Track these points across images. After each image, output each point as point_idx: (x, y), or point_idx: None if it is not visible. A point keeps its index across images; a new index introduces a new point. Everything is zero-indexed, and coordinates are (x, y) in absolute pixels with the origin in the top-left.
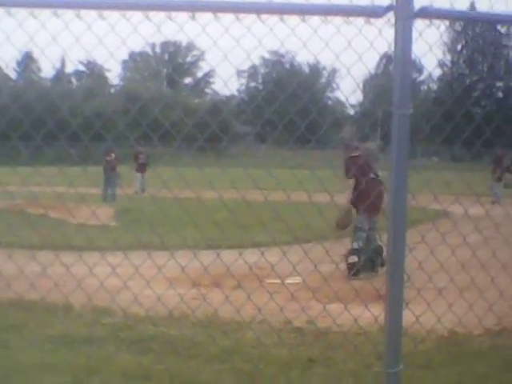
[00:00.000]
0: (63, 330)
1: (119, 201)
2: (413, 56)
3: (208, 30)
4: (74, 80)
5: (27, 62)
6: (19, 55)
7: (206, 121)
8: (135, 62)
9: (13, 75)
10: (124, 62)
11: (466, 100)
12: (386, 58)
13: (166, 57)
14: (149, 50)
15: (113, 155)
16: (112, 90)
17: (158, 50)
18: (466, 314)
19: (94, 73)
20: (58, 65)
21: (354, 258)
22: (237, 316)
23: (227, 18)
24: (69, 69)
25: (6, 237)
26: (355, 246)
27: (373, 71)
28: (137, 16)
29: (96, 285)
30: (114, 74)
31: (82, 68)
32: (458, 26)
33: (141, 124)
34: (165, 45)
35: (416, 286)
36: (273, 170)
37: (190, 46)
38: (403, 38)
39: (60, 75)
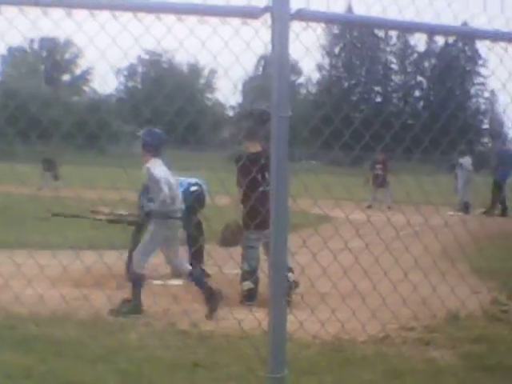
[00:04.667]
0: None
1: None
2: (290, 58)
3: (85, 27)
4: None
5: None
6: None
7: (86, 119)
8: (14, 58)
9: None
10: (2, 57)
11: (344, 104)
12: (265, 60)
13: (44, 53)
14: (26, 45)
15: None
16: None
17: (35, 46)
18: (349, 320)
19: None
20: None
21: (248, 285)
22: (120, 317)
23: (103, 15)
24: None
25: None
26: (246, 267)
27: (252, 72)
28: (11, 10)
29: None
30: None
31: None
32: (337, 29)
33: (19, 121)
34: (43, 41)
35: (299, 291)
36: None
37: (68, 43)
38: (280, 39)
39: None
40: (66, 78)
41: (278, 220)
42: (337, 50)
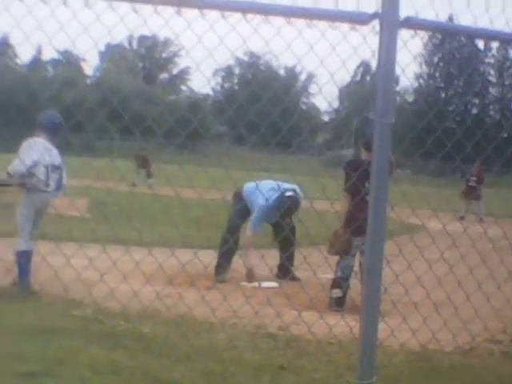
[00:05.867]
0: (34, 319)
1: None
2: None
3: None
4: (49, 68)
5: (3, 47)
6: None
7: (182, 118)
8: (112, 54)
9: None
10: (101, 54)
11: (444, 114)
12: (364, 66)
13: (143, 51)
14: (125, 43)
15: None
16: (88, 81)
17: (134, 43)
18: (439, 330)
19: (70, 62)
20: (34, 52)
21: (337, 293)
22: (210, 317)
23: (213, 14)
24: (45, 56)
25: None
26: (339, 274)
27: (349, 79)
28: (124, 7)
29: (72, 277)
30: (89, 65)
31: (58, 56)
32: (436, 39)
33: (119, 117)
34: (142, 38)
35: (392, 298)
36: (252, 173)
37: (168, 42)
38: (388, 46)
39: (37, 62)
40: (163, 76)
41: (375, 227)
42: (435, 59)
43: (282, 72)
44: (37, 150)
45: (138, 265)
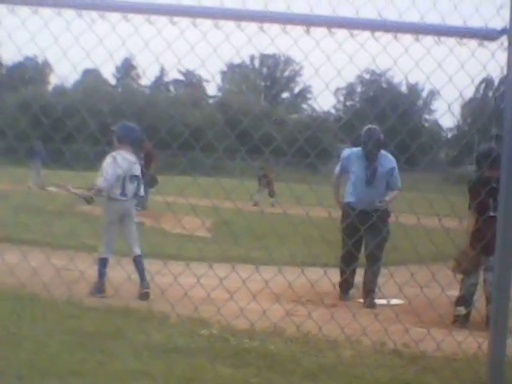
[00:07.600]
0: (161, 338)
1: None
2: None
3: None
4: (172, 89)
5: (126, 68)
6: (118, 61)
7: (302, 136)
8: (233, 74)
9: (112, 81)
10: (222, 74)
11: None
12: (486, 83)
13: (265, 70)
14: (247, 62)
15: None
16: (210, 101)
17: (256, 62)
18: None
19: (192, 83)
20: (157, 73)
21: (461, 311)
22: (335, 334)
23: (341, 33)
24: (167, 77)
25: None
26: (463, 292)
27: (472, 95)
28: (252, 27)
29: (201, 296)
30: (211, 85)
31: (180, 77)
32: None
33: (244, 137)
34: (264, 57)
35: None
36: None
37: (289, 61)
38: None
39: (159, 83)
40: (285, 95)
41: (504, 244)
42: None
43: (403, 89)
44: (117, 164)
45: (267, 283)
